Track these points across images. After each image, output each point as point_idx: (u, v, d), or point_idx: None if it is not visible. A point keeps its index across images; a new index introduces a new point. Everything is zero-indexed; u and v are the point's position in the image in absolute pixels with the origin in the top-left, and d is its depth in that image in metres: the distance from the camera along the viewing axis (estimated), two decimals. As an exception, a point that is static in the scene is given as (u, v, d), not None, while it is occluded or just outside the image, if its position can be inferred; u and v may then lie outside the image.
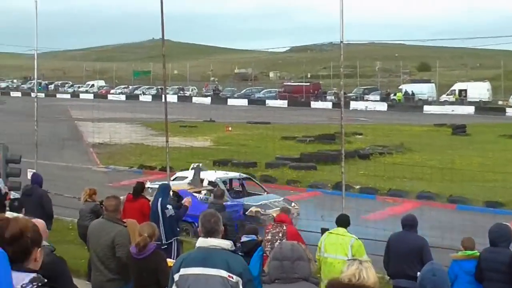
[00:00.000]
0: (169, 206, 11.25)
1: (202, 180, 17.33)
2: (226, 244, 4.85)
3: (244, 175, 19.40)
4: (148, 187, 15.05)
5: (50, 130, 35.39)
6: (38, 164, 17.98)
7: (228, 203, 14.86)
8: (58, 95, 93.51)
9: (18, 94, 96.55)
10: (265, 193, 17.92)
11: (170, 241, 11.15)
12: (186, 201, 11.85)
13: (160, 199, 11.31)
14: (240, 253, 6.96)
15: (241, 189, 18.28)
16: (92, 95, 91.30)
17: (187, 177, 17.74)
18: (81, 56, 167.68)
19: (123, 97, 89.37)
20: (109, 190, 17.81)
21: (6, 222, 2.65)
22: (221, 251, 4.77)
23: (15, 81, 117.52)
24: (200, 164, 18.75)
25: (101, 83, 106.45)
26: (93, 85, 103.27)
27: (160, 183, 13.48)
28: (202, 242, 4.86)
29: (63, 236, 13.45)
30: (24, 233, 2.65)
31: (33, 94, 79.33)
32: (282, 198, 17.45)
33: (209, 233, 4.85)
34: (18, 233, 2.63)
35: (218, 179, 17.42)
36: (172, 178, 17.14)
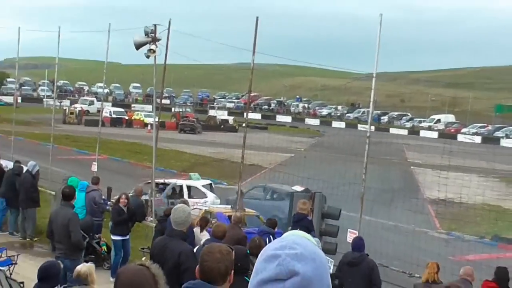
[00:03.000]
0: None
1: None
2: None
3: None
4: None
5: (378, 176, 36.40)
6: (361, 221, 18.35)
7: None
8: (392, 130, 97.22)
9: (341, 124, 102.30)
10: None
11: None
12: None
13: None
14: None
15: None
16: (436, 133, 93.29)
17: None
18: (427, 81, 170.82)
19: (478, 139, 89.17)
20: (450, 265, 17.55)
21: None
22: None
23: (339, 108, 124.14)
24: None
25: (450, 118, 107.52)
26: (439, 120, 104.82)
27: None
28: None
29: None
30: None
31: (360, 127, 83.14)
32: None
33: None
34: None
35: None
36: None
